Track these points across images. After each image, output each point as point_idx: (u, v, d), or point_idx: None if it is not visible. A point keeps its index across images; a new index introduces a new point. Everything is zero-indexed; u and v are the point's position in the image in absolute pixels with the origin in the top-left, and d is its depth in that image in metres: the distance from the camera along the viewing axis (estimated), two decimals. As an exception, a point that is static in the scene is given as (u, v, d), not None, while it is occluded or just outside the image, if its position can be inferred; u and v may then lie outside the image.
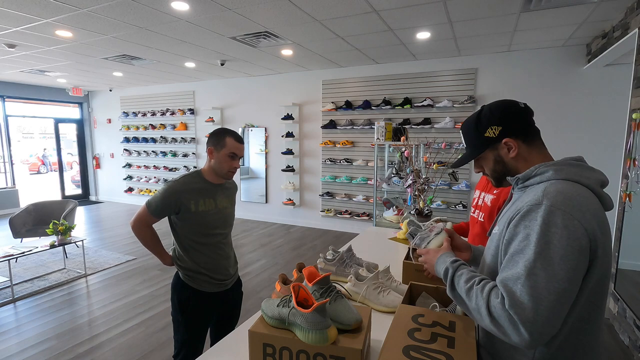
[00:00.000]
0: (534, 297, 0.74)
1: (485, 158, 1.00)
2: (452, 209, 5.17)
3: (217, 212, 1.76)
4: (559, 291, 0.74)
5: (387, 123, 3.64)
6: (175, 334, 1.76)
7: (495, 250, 0.92)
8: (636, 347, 2.53)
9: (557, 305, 0.74)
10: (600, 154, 4.31)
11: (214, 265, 1.77)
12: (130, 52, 4.79)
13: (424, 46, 4.50)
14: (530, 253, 0.77)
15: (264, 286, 3.80)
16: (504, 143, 0.94)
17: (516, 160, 0.95)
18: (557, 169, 0.86)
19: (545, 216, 0.78)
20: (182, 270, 1.76)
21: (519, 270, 0.78)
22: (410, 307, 1.07)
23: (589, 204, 0.80)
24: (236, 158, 1.71)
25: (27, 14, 3.35)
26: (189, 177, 1.73)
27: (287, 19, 3.49)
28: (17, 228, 4.49)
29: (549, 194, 0.81)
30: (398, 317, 1.01)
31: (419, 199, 2.57)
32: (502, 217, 0.96)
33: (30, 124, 16.94)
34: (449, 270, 0.94)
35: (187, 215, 1.69)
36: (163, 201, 1.67)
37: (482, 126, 0.97)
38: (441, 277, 0.99)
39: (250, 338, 1.00)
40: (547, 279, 0.75)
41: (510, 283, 0.78)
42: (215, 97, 7.15)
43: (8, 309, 3.30)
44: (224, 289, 1.82)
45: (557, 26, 3.69)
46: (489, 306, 0.81)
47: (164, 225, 1.91)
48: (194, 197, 1.69)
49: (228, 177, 1.76)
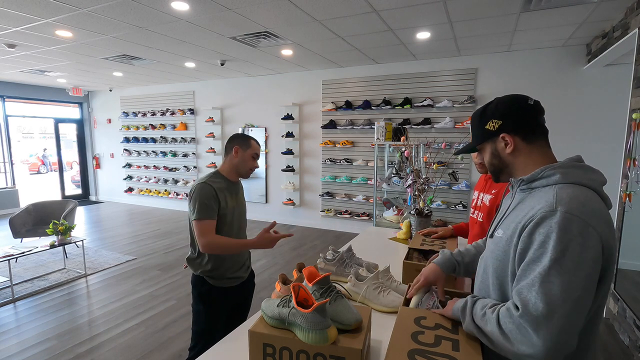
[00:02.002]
0: (549, 305, 0.73)
1: (485, 150, 1.00)
2: (452, 209, 5.17)
3: (239, 209, 1.86)
4: (575, 299, 0.73)
5: (387, 123, 3.64)
6: (195, 325, 1.81)
7: (502, 254, 0.89)
8: (636, 347, 2.53)
9: (573, 313, 0.73)
10: (600, 154, 4.31)
11: (233, 263, 1.82)
12: (130, 52, 4.79)
13: (424, 46, 4.50)
14: (545, 261, 0.76)
15: (264, 286, 3.80)
16: (501, 138, 0.94)
17: (513, 157, 0.94)
18: (564, 172, 0.85)
19: (560, 223, 0.76)
20: (202, 271, 1.78)
21: (534, 278, 0.76)
22: (411, 310, 1.05)
23: (600, 208, 0.80)
24: (256, 159, 1.86)
25: (27, 14, 3.35)
26: (213, 177, 1.78)
27: (287, 19, 3.49)
28: (17, 228, 4.49)
29: (562, 200, 0.79)
30: (400, 320, 1.00)
31: (419, 199, 2.57)
32: (506, 219, 0.93)
33: (30, 124, 16.95)
34: (467, 306, 0.91)
35: (220, 212, 1.74)
36: (205, 197, 1.68)
37: (485, 118, 0.97)
38: (459, 317, 0.94)
39: (250, 338, 1.00)
40: (562, 286, 0.73)
41: (525, 291, 0.77)
42: (215, 97, 7.15)
43: (8, 309, 3.30)
44: (241, 282, 1.89)
45: (557, 26, 3.69)
46: (500, 323, 0.80)
47: (164, 225, 1.90)
48: (223, 195, 1.76)
49: (248, 175, 1.87)
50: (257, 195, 6.90)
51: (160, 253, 4.89)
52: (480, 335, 0.85)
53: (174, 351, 2.64)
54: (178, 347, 2.69)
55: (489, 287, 0.94)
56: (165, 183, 7.96)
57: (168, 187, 7.98)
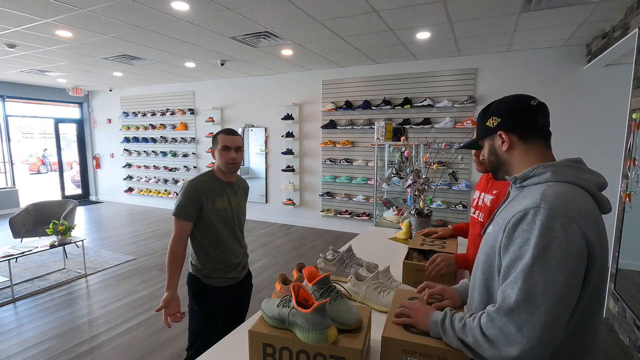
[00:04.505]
0: (531, 302, 0.73)
1: (485, 146, 1.03)
2: (452, 209, 5.17)
3: (231, 210, 1.83)
4: (558, 296, 0.73)
5: (387, 123, 3.64)
6: (191, 325, 1.81)
7: (490, 249, 0.90)
8: (636, 347, 2.53)
9: (556, 310, 0.73)
10: (600, 154, 4.31)
11: (221, 263, 1.81)
12: (130, 52, 4.79)
13: (424, 46, 4.50)
14: (528, 257, 0.76)
15: (264, 286, 3.80)
16: (498, 135, 0.96)
17: (509, 155, 0.95)
18: (556, 170, 0.85)
19: (543, 220, 0.76)
20: (194, 269, 1.80)
21: (517, 275, 0.76)
22: (406, 290, 1.16)
23: (588, 207, 0.79)
24: (230, 150, 1.77)
25: (27, 14, 3.35)
26: (203, 176, 1.80)
27: (287, 19, 3.49)
28: (17, 228, 4.49)
29: (547, 197, 0.79)
30: (396, 299, 1.10)
31: (419, 199, 2.56)
32: (497, 216, 0.94)
33: (30, 124, 16.96)
34: (445, 319, 0.90)
35: (205, 214, 1.74)
36: (186, 199, 1.70)
37: (488, 114, 0.99)
38: (433, 329, 0.93)
39: (250, 338, 1.00)
40: (545, 283, 0.73)
41: (508, 289, 0.77)
42: (215, 97, 7.15)
43: (8, 309, 3.30)
44: (236, 282, 1.88)
45: (557, 26, 3.69)
46: (483, 329, 0.79)
47: (164, 225, 1.91)
48: (210, 196, 1.75)
49: (230, 169, 1.81)
50: (257, 195, 6.90)
51: (160, 253, 4.89)
52: (463, 348, 0.84)
53: (173, 351, 2.64)
54: (178, 347, 2.69)
55: (475, 284, 0.95)
56: (165, 183, 7.96)
57: (168, 187, 7.98)
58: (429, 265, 1.53)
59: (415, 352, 0.89)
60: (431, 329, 0.92)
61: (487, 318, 0.80)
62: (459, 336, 0.85)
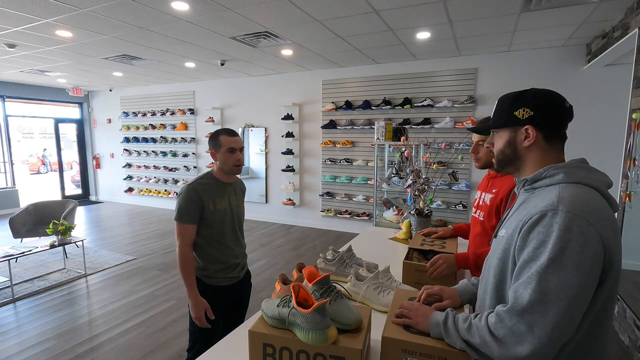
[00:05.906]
0: (544, 302, 0.73)
1: (501, 136, 0.96)
2: (452, 209, 5.17)
3: (231, 211, 1.83)
4: (571, 298, 0.73)
5: (387, 123, 3.65)
6: (192, 325, 1.80)
7: (502, 253, 0.88)
8: (636, 347, 2.53)
9: (568, 311, 0.73)
10: (600, 154, 4.31)
11: (222, 263, 1.82)
12: (130, 52, 4.79)
13: (424, 46, 4.50)
14: (543, 259, 0.75)
15: (264, 286, 3.80)
16: (525, 129, 0.90)
17: (528, 152, 0.92)
18: (568, 171, 0.84)
19: (561, 222, 0.75)
20: (196, 270, 1.79)
21: (531, 276, 0.76)
22: (406, 290, 1.17)
23: (602, 207, 0.79)
24: (236, 151, 1.77)
25: (27, 14, 3.35)
26: (202, 178, 1.79)
27: (287, 19, 3.49)
28: (17, 228, 4.49)
29: (564, 199, 0.78)
30: (396, 299, 1.11)
31: (419, 199, 2.56)
32: (509, 220, 0.93)
33: (30, 124, 16.95)
34: (447, 320, 0.89)
35: (206, 215, 1.73)
36: (187, 202, 1.69)
37: (518, 104, 0.91)
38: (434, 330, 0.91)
39: (250, 338, 1.00)
40: (558, 284, 0.73)
41: (521, 289, 0.77)
42: (215, 97, 7.15)
43: (8, 309, 3.29)
44: (236, 282, 1.89)
45: (557, 26, 3.69)
46: (491, 329, 0.79)
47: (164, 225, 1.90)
48: (211, 197, 1.75)
49: (235, 171, 1.81)
50: (257, 195, 6.90)
51: (160, 253, 4.89)
52: (468, 349, 0.84)
53: (174, 351, 2.64)
54: (178, 347, 2.69)
55: (487, 288, 0.94)
56: (165, 183, 7.96)
57: (168, 187, 7.98)
58: (430, 266, 1.53)
59: (415, 352, 0.89)
60: (432, 329, 0.91)
61: (497, 318, 0.79)
62: (463, 337, 0.84)
